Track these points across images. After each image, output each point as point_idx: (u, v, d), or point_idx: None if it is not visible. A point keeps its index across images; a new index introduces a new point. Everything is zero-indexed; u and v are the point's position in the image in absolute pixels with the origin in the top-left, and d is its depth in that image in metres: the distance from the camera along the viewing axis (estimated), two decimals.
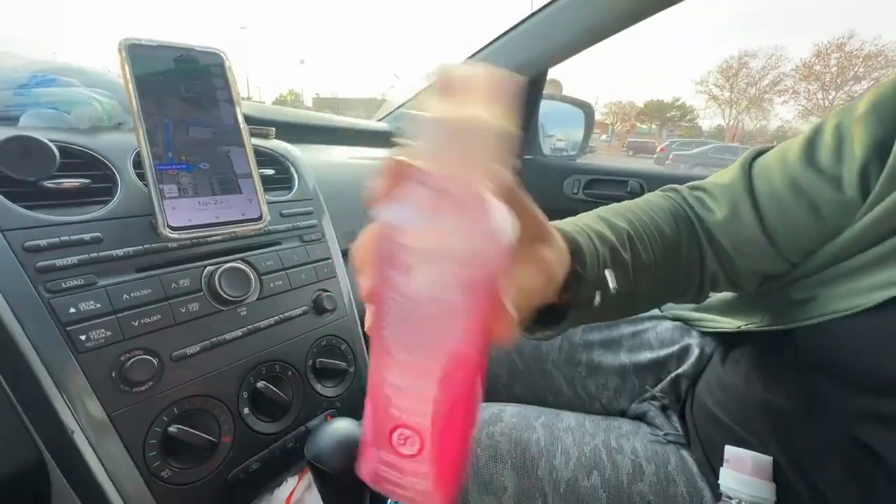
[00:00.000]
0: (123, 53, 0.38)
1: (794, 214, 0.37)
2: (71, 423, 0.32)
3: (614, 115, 45.81)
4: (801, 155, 0.37)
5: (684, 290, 0.41)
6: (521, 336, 0.33)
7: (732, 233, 0.39)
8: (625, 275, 0.33)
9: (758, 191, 0.39)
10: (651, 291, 0.38)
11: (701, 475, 0.46)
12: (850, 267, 0.34)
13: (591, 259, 0.31)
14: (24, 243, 0.32)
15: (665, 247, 0.38)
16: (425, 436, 0.18)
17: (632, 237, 0.35)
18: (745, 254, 0.39)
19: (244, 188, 0.42)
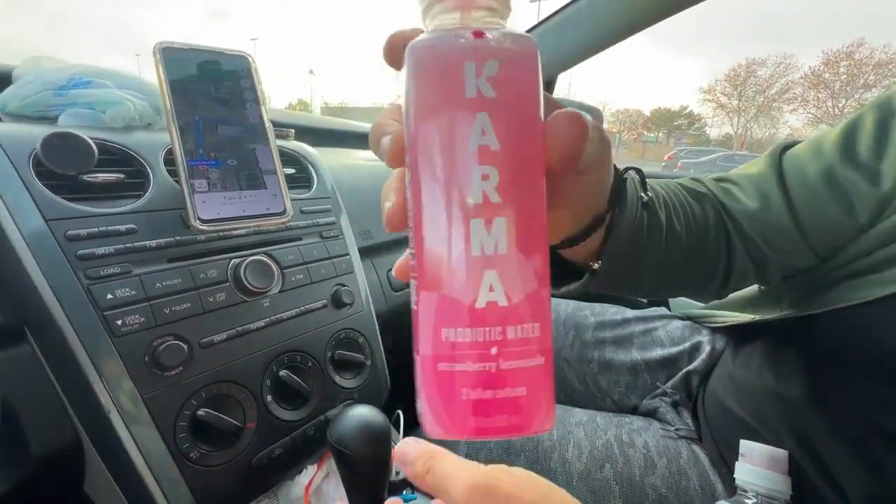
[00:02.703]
0: (158, 56, 0.40)
1: (826, 208, 0.36)
2: (108, 404, 0.33)
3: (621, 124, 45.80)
4: (838, 148, 0.36)
5: (709, 279, 0.40)
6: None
7: (762, 223, 0.38)
8: (658, 237, 0.32)
9: (789, 182, 0.38)
10: (677, 271, 0.37)
11: (713, 469, 0.47)
12: (876, 259, 0.34)
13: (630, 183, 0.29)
14: (66, 232, 0.34)
15: (696, 228, 0.37)
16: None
17: (667, 203, 0.35)
18: (774, 246, 0.38)
19: (269, 184, 0.44)
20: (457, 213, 0.15)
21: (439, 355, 0.16)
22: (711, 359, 0.56)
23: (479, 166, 0.15)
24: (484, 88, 0.15)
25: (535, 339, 0.16)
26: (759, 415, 0.44)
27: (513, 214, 0.15)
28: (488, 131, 0.15)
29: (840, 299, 0.35)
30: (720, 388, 0.51)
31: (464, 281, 0.15)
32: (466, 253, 0.15)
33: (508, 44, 0.16)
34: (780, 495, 0.38)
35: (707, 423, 0.51)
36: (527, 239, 0.15)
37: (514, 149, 0.15)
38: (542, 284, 0.16)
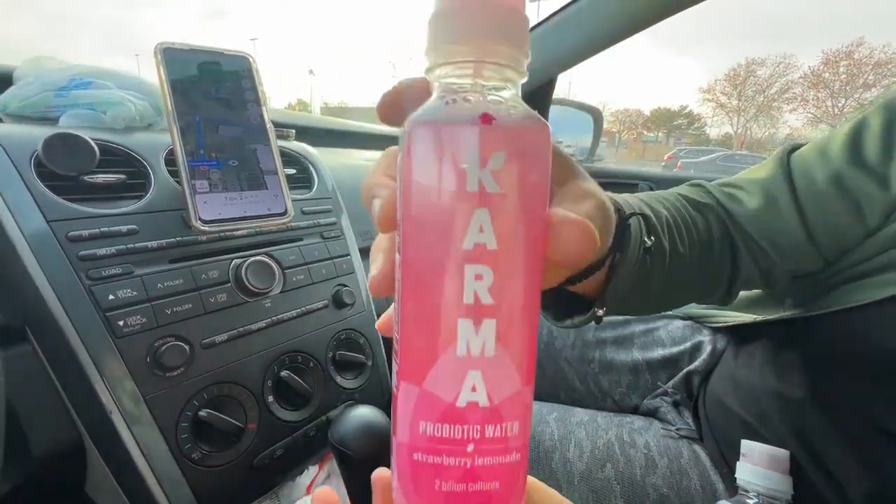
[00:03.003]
0: (159, 56, 0.40)
1: (836, 212, 0.36)
2: (109, 405, 0.33)
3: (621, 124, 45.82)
4: (845, 151, 0.36)
5: (713, 289, 0.39)
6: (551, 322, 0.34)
7: (767, 226, 0.38)
8: (660, 262, 0.32)
9: (797, 185, 0.38)
10: (682, 287, 0.37)
11: (714, 469, 0.47)
12: (881, 262, 0.34)
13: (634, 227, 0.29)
14: (67, 233, 0.34)
15: (700, 243, 0.36)
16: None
17: (671, 226, 0.35)
18: (780, 249, 0.38)
19: (270, 184, 0.44)
20: (445, 311, 0.15)
21: (415, 446, 0.16)
22: (712, 359, 0.57)
23: (472, 265, 0.14)
24: (487, 182, 0.14)
25: (513, 436, 0.15)
26: (760, 414, 0.44)
27: (504, 316, 0.15)
28: (487, 229, 0.14)
29: (843, 300, 0.35)
30: (721, 387, 0.51)
31: (446, 379, 0.15)
32: (451, 352, 0.15)
33: (519, 132, 0.14)
34: (781, 495, 0.38)
35: (708, 422, 0.51)
36: (515, 342, 0.15)
37: (513, 250, 0.14)
38: (525, 383, 0.15)
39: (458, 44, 0.15)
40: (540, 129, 0.15)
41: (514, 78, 0.16)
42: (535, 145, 0.14)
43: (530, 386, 0.16)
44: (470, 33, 0.15)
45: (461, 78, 0.15)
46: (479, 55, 0.15)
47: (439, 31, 0.15)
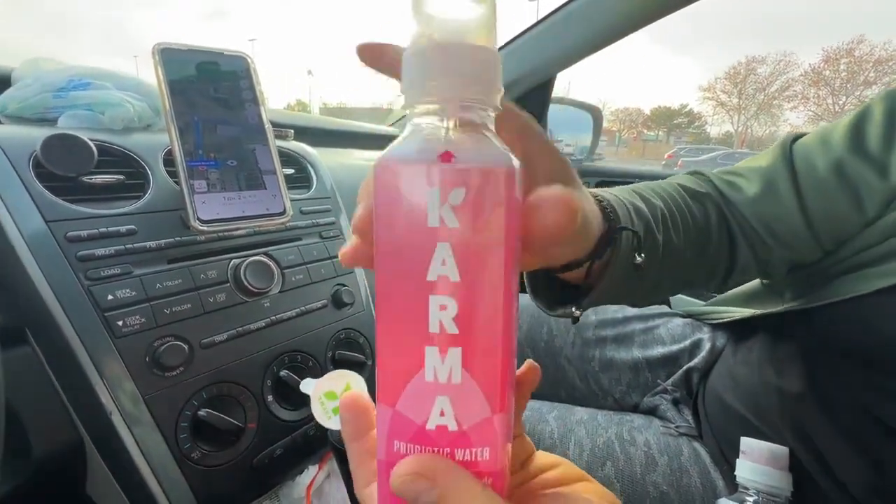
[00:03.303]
0: (157, 57, 0.41)
1: (835, 201, 0.36)
2: (109, 405, 0.33)
3: (621, 123, 45.79)
4: (847, 139, 0.36)
5: (709, 277, 0.40)
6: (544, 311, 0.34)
7: (767, 213, 0.38)
8: (654, 255, 0.32)
9: (798, 172, 0.38)
10: (677, 277, 0.37)
11: (714, 466, 0.47)
12: (879, 252, 0.34)
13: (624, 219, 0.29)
14: (66, 233, 0.34)
15: (697, 232, 0.37)
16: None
17: (665, 217, 0.35)
18: (778, 237, 0.38)
19: (268, 184, 0.44)
20: (413, 337, 0.15)
21: (391, 463, 0.16)
22: (712, 356, 0.56)
23: (436, 296, 0.15)
24: (447, 218, 0.14)
25: (483, 461, 0.16)
26: (758, 410, 0.44)
27: (469, 346, 0.15)
28: (448, 262, 0.15)
29: (841, 292, 0.35)
30: (720, 384, 0.51)
31: (416, 403, 0.15)
32: (420, 377, 0.15)
33: (480, 170, 0.15)
34: (780, 492, 0.38)
35: (708, 420, 0.51)
36: (483, 370, 0.15)
37: (475, 281, 0.15)
38: (496, 410, 0.16)
39: (427, 82, 0.15)
40: (502, 166, 0.15)
41: (484, 114, 0.16)
42: (497, 179, 0.15)
43: (503, 413, 0.16)
44: (438, 72, 0.15)
45: (430, 116, 0.16)
46: (447, 94, 0.15)
47: (410, 70, 0.16)
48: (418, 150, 0.15)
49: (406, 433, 0.16)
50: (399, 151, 0.15)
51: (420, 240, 0.15)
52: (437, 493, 0.14)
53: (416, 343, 0.15)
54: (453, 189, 0.14)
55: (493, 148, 0.15)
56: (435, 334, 0.15)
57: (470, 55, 0.15)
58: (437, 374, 0.15)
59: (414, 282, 0.15)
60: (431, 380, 0.15)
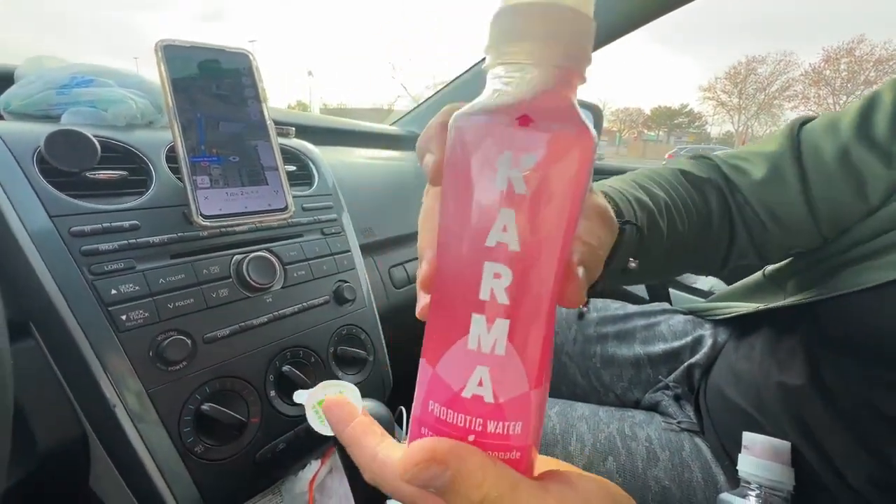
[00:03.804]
0: (160, 54, 0.41)
1: (839, 187, 0.36)
2: (113, 398, 0.33)
3: (621, 123, 45.77)
4: (855, 126, 0.36)
5: (709, 262, 0.40)
6: None
7: (770, 197, 0.38)
8: (658, 244, 0.32)
9: (804, 157, 0.38)
10: (679, 263, 0.37)
11: (716, 461, 0.47)
12: (880, 244, 0.34)
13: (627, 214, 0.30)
14: (70, 228, 0.35)
15: (699, 218, 0.37)
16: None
17: (668, 207, 0.35)
18: (779, 220, 0.38)
19: (270, 180, 0.44)
20: (462, 302, 0.15)
21: (424, 420, 0.16)
22: (713, 352, 0.57)
23: (492, 263, 0.14)
24: (516, 183, 0.14)
25: (514, 436, 0.15)
26: (760, 405, 0.44)
27: (518, 318, 0.15)
28: (510, 229, 0.14)
29: (843, 285, 0.36)
30: (722, 380, 0.51)
31: (455, 368, 0.15)
32: (462, 344, 0.15)
33: (557, 137, 0.14)
34: (783, 486, 0.38)
35: (709, 415, 0.51)
36: (527, 344, 0.15)
37: (535, 253, 0.14)
38: (534, 386, 0.15)
39: (514, 43, 0.15)
40: (580, 137, 0.14)
41: (570, 80, 0.15)
42: (572, 153, 0.14)
43: (540, 389, 0.16)
44: (527, 33, 0.14)
45: (512, 77, 0.15)
46: (539, 56, 0.15)
47: (498, 29, 0.15)
48: (498, 110, 0.14)
49: (442, 396, 0.15)
50: (479, 108, 0.15)
51: (484, 202, 0.14)
52: (450, 475, 0.14)
53: (465, 308, 0.15)
54: (525, 154, 0.14)
55: (575, 118, 0.15)
56: (485, 302, 0.15)
57: (570, 20, 0.14)
58: (481, 343, 0.15)
59: (472, 244, 0.15)
60: (474, 348, 0.15)
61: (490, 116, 0.14)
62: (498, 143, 0.14)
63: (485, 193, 0.14)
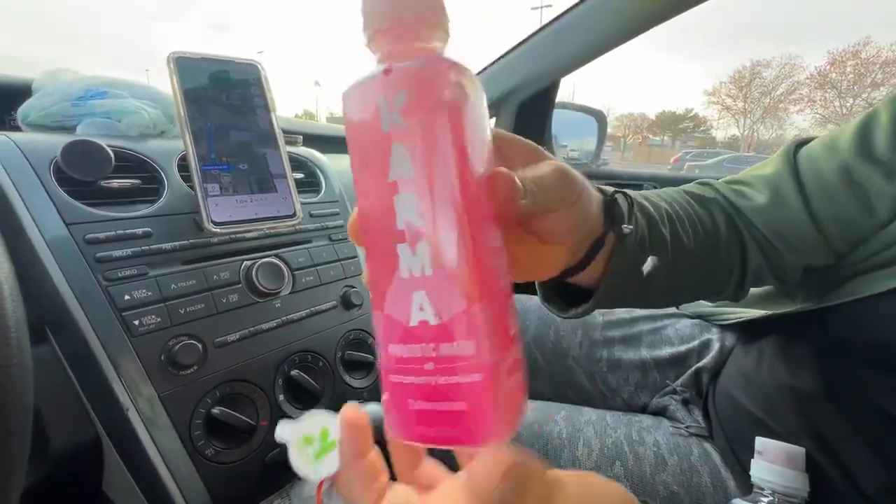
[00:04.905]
0: (172, 65, 0.42)
1: (844, 205, 0.36)
2: (126, 402, 0.34)
3: (626, 128, 45.75)
4: (854, 144, 0.36)
5: (724, 284, 0.39)
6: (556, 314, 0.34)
7: (775, 219, 0.38)
8: (663, 255, 0.32)
9: (805, 180, 0.38)
10: (689, 281, 0.37)
11: (725, 466, 0.47)
12: (891, 255, 0.34)
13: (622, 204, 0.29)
14: (85, 236, 0.36)
15: (705, 235, 0.36)
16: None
17: (672, 217, 0.34)
18: (789, 243, 0.38)
19: (279, 187, 0.45)
20: (385, 239, 0.16)
21: (388, 367, 0.17)
22: (721, 356, 0.56)
23: (399, 195, 0.16)
24: (396, 120, 0.16)
25: (469, 355, 0.16)
26: (771, 410, 0.44)
27: (435, 237, 0.16)
28: (404, 160, 0.16)
29: (854, 292, 0.35)
30: (731, 384, 0.51)
31: (397, 301, 0.16)
32: (398, 276, 0.16)
33: (416, 74, 0.16)
34: (797, 493, 0.37)
35: (718, 420, 0.51)
36: (453, 260, 0.16)
37: (430, 174, 0.16)
38: (474, 300, 0.16)
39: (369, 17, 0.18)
40: (437, 67, 0.16)
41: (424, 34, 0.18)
42: (433, 80, 0.16)
43: (482, 303, 0.16)
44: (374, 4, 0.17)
45: (378, 47, 0.18)
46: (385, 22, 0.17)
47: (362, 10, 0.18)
48: (368, 73, 0.17)
49: (395, 334, 0.17)
50: (357, 79, 0.17)
51: (379, 147, 0.16)
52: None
53: (390, 243, 0.16)
54: (396, 94, 0.16)
55: (431, 56, 0.17)
56: (402, 231, 0.16)
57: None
58: (412, 269, 0.16)
59: (380, 186, 0.16)
60: (407, 276, 0.16)
61: (364, 77, 0.17)
62: (373, 94, 0.16)
63: (377, 139, 0.16)
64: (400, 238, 0.16)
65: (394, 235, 0.16)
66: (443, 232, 0.16)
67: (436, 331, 0.16)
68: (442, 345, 0.16)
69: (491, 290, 0.17)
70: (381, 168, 0.16)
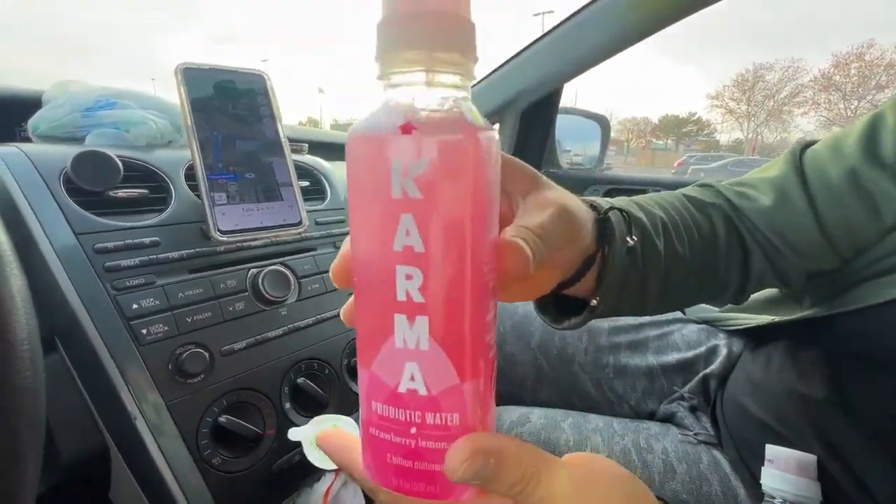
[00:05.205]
0: (179, 76, 0.42)
1: (851, 210, 0.35)
2: (134, 411, 0.34)
3: (629, 132, 45.73)
4: (860, 148, 0.36)
5: (722, 289, 0.39)
6: (550, 325, 0.34)
7: (780, 223, 0.37)
8: (657, 267, 0.32)
9: (810, 181, 0.37)
10: (685, 288, 0.36)
11: (735, 474, 0.46)
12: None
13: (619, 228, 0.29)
14: (94, 245, 0.36)
15: (702, 242, 0.36)
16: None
17: (666, 226, 0.34)
18: (793, 246, 0.37)
19: (285, 196, 0.45)
20: (384, 306, 0.16)
21: (369, 421, 0.17)
22: (729, 362, 0.56)
23: (403, 266, 0.15)
24: (410, 189, 0.14)
25: (453, 426, 0.16)
26: (781, 416, 0.43)
27: (435, 315, 0.15)
28: (413, 233, 0.15)
29: (863, 299, 0.35)
30: (739, 390, 0.50)
31: (387, 366, 0.16)
32: (391, 343, 0.16)
33: (443, 140, 0.14)
34: (809, 501, 0.37)
35: (727, 427, 0.50)
36: (449, 339, 0.16)
37: (440, 251, 0.15)
38: (465, 378, 0.16)
39: (393, 52, 0.15)
40: (466, 136, 0.15)
41: (459, 82, 0.16)
42: (459, 153, 0.15)
43: (474, 381, 0.16)
44: (405, 41, 0.15)
45: (396, 86, 0.16)
46: (413, 64, 0.15)
47: (380, 39, 0.16)
48: (382, 122, 0.15)
49: (381, 394, 0.17)
50: (366, 123, 0.16)
51: (386, 210, 0.15)
52: (493, 462, 0.16)
53: (387, 310, 0.16)
54: (414, 160, 0.14)
55: (459, 118, 0.15)
56: (402, 303, 0.15)
57: (442, 24, 0.15)
58: (407, 341, 0.16)
59: (382, 251, 0.15)
60: (401, 346, 0.16)
61: (376, 129, 0.15)
62: (387, 153, 0.15)
63: (384, 202, 0.15)
64: (398, 309, 0.15)
65: (392, 304, 0.16)
66: (446, 311, 0.15)
67: (424, 401, 0.16)
68: (428, 413, 0.16)
69: (483, 365, 0.17)
70: (386, 233, 0.15)
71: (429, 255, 0.15)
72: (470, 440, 0.16)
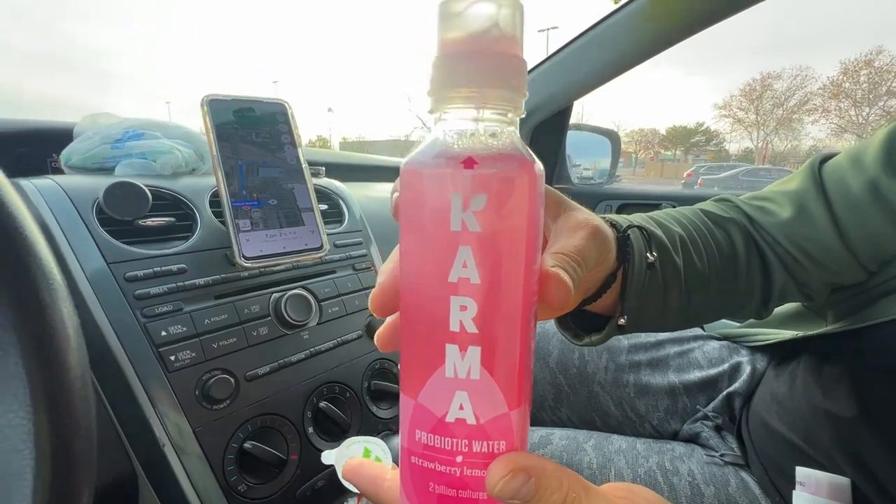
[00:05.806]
0: (205, 108, 0.44)
1: (873, 222, 0.35)
2: (162, 437, 0.35)
3: (637, 144, 45.68)
4: (881, 160, 0.35)
5: (744, 303, 0.39)
6: (571, 341, 0.34)
7: (800, 236, 0.37)
8: (677, 282, 0.32)
9: (831, 196, 0.37)
10: (706, 304, 0.36)
11: (765, 496, 0.45)
12: None
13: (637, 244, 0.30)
14: (125, 274, 0.37)
15: (721, 257, 0.36)
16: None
17: (685, 241, 0.34)
18: (815, 260, 0.37)
19: (307, 220, 0.46)
20: (435, 336, 0.16)
21: (412, 450, 0.17)
22: (753, 379, 0.55)
23: (457, 297, 0.15)
24: (469, 223, 0.15)
25: (500, 453, 0.16)
26: (808, 436, 0.42)
27: (488, 345, 0.16)
28: (469, 265, 0.15)
29: (889, 311, 0.34)
30: (764, 409, 0.49)
31: (435, 396, 0.16)
32: (441, 373, 0.16)
33: (503, 175, 0.15)
34: None
35: (754, 447, 0.49)
36: (500, 368, 0.16)
37: (495, 284, 0.15)
38: (512, 406, 0.16)
39: (452, 87, 0.16)
40: (524, 172, 0.15)
41: (510, 118, 0.16)
42: (518, 187, 0.15)
43: (520, 409, 0.17)
44: (464, 78, 0.16)
45: (453, 122, 0.16)
46: (472, 100, 0.16)
47: (437, 74, 0.16)
48: (442, 156, 0.16)
49: (427, 424, 0.17)
50: (424, 156, 0.16)
51: (443, 243, 0.15)
52: (534, 482, 0.16)
53: (438, 340, 0.16)
54: (475, 195, 0.15)
55: (516, 153, 0.16)
56: (455, 333, 0.16)
57: (496, 62, 0.16)
58: (457, 371, 0.16)
59: (436, 282, 0.16)
60: (451, 376, 0.16)
61: (437, 162, 0.16)
62: (447, 187, 0.15)
63: (442, 235, 0.15)
64: (451, 339, 0.16)
65: (444, 335, 0.16)
66: (498, 341, 0.16)
67: (472, 429, 0.16)
68: (475, 442, 0.16)
69: (528, 391, 0.17)
70: (442, 265, 0.15)
71: (484, 287, 0.15)
72: (511, 457, 0.16)
